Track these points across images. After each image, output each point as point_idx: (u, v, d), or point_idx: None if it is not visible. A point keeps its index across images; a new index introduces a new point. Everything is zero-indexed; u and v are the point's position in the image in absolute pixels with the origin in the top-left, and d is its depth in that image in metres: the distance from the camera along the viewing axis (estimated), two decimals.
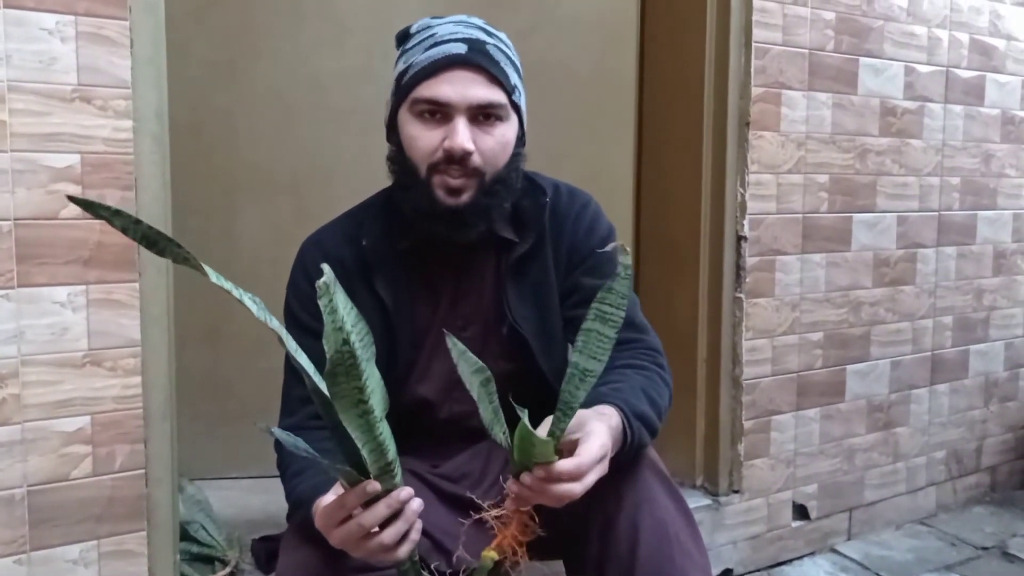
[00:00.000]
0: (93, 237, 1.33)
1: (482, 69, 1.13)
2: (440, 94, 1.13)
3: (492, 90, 1.14)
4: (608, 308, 0.94)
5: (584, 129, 2.20)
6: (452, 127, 1.13)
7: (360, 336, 0.88)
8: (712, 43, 2.00)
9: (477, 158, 1.14)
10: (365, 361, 0.86)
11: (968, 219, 2.47)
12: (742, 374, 2.05)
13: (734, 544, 2.10)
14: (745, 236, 2.02)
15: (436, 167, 1.14)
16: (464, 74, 1.13)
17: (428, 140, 1.14)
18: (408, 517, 0.93)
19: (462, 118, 1.13)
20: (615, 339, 0.95)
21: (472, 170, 1.14)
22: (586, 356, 0.95)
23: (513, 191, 1.21)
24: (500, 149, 1.16)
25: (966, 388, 2.55)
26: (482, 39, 1.16)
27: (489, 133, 1.15)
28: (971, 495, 2.62)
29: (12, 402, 1.29)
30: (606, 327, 0.94)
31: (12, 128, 1.26)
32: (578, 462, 0.93)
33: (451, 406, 1.28)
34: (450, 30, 1.16)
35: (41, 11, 1.26)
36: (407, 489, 0.93)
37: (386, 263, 1.23)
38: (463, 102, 1.13)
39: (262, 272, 1.95)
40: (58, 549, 1.34)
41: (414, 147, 1.16)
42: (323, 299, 0.85)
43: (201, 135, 1.97)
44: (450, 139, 1.12)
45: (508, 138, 1.18)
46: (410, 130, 1.16)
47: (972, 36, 2.40)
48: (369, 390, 0.85)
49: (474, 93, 1.13)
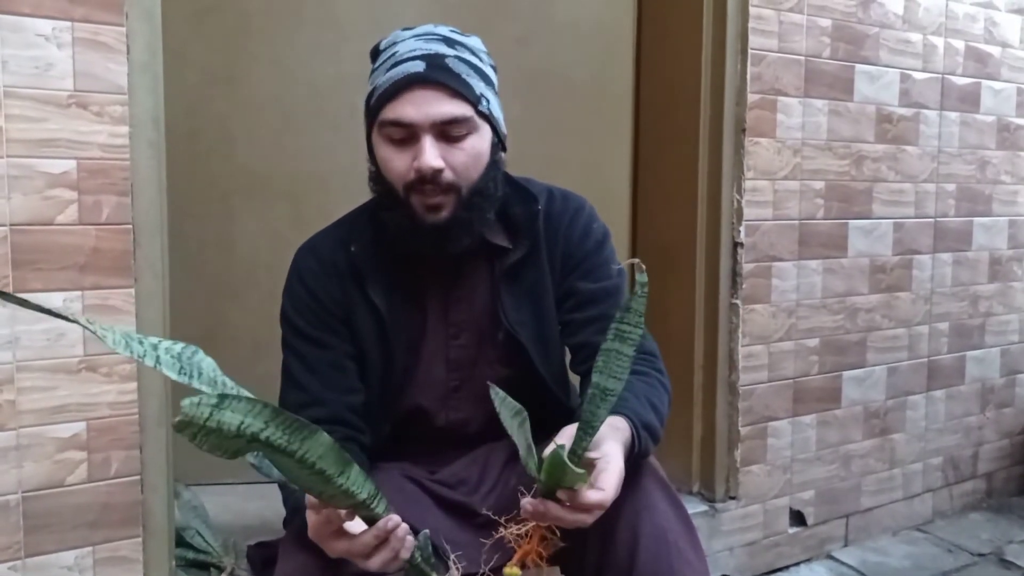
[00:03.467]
0: (89, 243, 1.33)
1: (442, 85, 1.12)
2: (403, 115, 1.12)
3: (455, 104, 1.13)
4: (627, 327, 0.95)
5: (581, 136, 2.20)
6: (419, 147, 1.12)
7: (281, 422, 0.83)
8: (708, 50, 2.01)
9: (449, 174, 1.13)
10: (298, 438, 0.80)
11: (964, 225, 2.48)
12: (738, 380, 2.05)
13: (731, 550, 2.09)
14: (741, 242, 2.02)
15: (412, 187, 1.14)
16: (424, 93, 1.12)
17: (399, 162, 1.14)
18: (394, 545, 0.95)
19: (428, 136, 1.12)
20: (632, 357, 0.96)
21: (447, 186, 1.14)
22: (606, 376, 0.96)
23: (493, 200, 1.20)
24: (472, 162, 1.15)
25: (962, 394, 2.55)
26: (442, 52, 1.14)
27: (459, 147, 1.14)
28: (967, 501, 2.62)
29: (7, 408, 1.29)
30: (624, 346, 0.95)
31: (8, 134, 1.26)
32: (602, 497, 0.95)
33: (447, 413, 1.28)
34: (411, 47, 1.14)
35: (37, 17, 1.26)
36: (394, 518, 0.94)
37: (377, 269, 1.23)
38: (426, 120, 1.12)
39: (259, 277, 1.95)
40: (53, 555, 1.34)
41: (388, 169, 1.16)
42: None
43: (198, 140, 1.97)
44: (418, 160, 1.12)
45: (479, 149, 1.16)
46: (382, 152, 1.16)
47: (967, 43, 2.41)
48: (315, 457, 0.81)
49: (436, 110, 1.12)
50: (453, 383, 1.27)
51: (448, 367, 1.27)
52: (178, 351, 0.81)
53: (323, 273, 1.23)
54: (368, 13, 2.04)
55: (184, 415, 0.71)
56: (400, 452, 1.30)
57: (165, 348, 0.80)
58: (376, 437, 1.25)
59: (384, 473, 1.24)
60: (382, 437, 1.26)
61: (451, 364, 1.27)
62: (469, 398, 1.27)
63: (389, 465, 1.28)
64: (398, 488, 1.22)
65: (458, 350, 1.27)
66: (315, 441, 0.80)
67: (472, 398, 1.27)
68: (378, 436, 1.25)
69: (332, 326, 1.23)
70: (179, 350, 0.81)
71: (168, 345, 0.81)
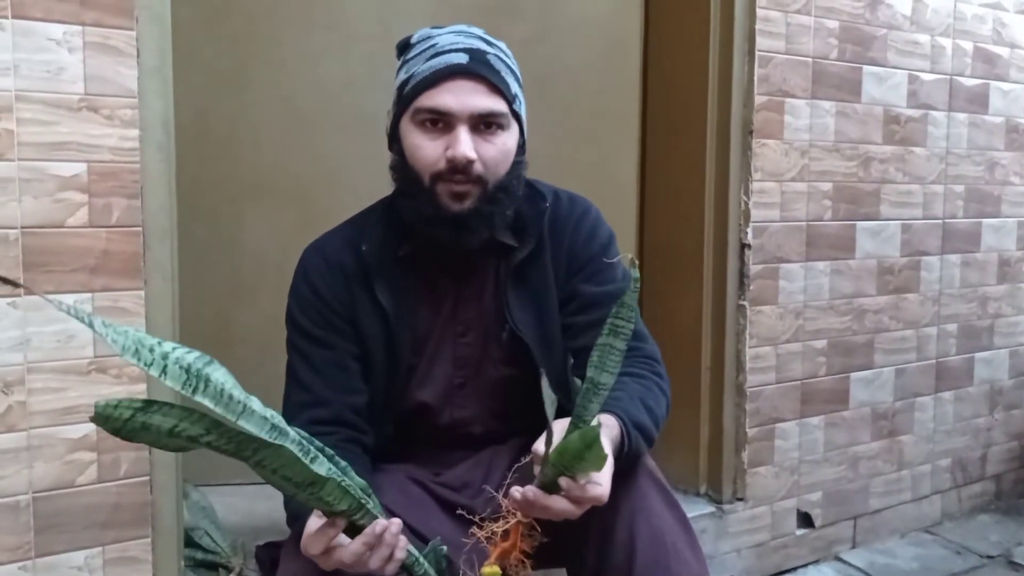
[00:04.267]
0: (99, 245, 1.33)
1: (483, 79, 1.14)
2: (442, 103, 1.14)
3: (493, 99, 1.15)
4: (621, 322, 0.96)
5: (588, 137, 2.20)
6: (454, 136, 1.14)
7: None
8: (716, 52, 2.01)
9: (479, 166, 1.15)
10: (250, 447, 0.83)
11: (972, 227, 2.47)
12: (746, 382, 2.05)
13: (738, 552, 2.09)
14: (749, 244, 2.02)
15: (440, 176, 1.15)
16: (466, 83, 1.14)
17: (431, 150, 1.15)
18: (388, 543, 0.95)
19: (464, 127, 1.14)
20: (625, 351, 0.97)
21: (475, 178, 1.15)
22: (600, 370, 0.97)
23: (515, 198, 1.22)
24: (502, 157, 1.17)
25: (971, 396, 2.54)
26: (483, 49, 1.17)
27: (491, 142, 1.16)
28: (976, 503, 2.61)
29: (18, 409, 1.30)
30: (618, 340, 0.96)
31: (20, 137, 1.27)
32: (602, 492, 0.96)
33: (451, 411, 1.28)
34: (451, 40, 1.17)
35: (49, 21, 1.27)
36: (381, 522, 0.94)
37: (386, 269, 1.23)
38: (465, 111, 1.14)
39: (268, 279, 1.95)
40: (63, 556, 1.34)
41: (417, 157, 1.17)
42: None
43: (208, 142, 1.98)
44: (452, 148, 1.13)
45: (509, 146, 1.19)
46: (413, 139, 1.17)
47: (976, 44, 2.40)
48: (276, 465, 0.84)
49: (476, 102, 1.14)
50: (458, 380, 1.28)
51: (455, 364, 1.27)
52: (189, 361, 0.81)
53: (329, 273, 1.24)
54: (376, 15, 2.04)
55: (98, 415, 0.74)
56: (404, 453, 1.31)
57: (176, 358, 0.80)
58: (380, 437, 1.25)
59: (388, 474, 1.25)
60: (386, 437, 1.27)
61: (458, 361, 1.27)
62: (473, 396, 1.28)
63: (393, 466, 1.28)
64: (402, 490, 1.23)
65: (465, 348, 1.27)
66: (273, 452, 0.82)
67: (476, 396, 1.28)
68: (382, 436, 1.26)
69: (337, 326, 1.23)
70: (191, 360, 0.81)
71: (180, 355, 0.80)
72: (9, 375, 1.29)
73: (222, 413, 0.81)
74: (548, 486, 0.95)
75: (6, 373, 1.28)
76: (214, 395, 0.81)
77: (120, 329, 0.78)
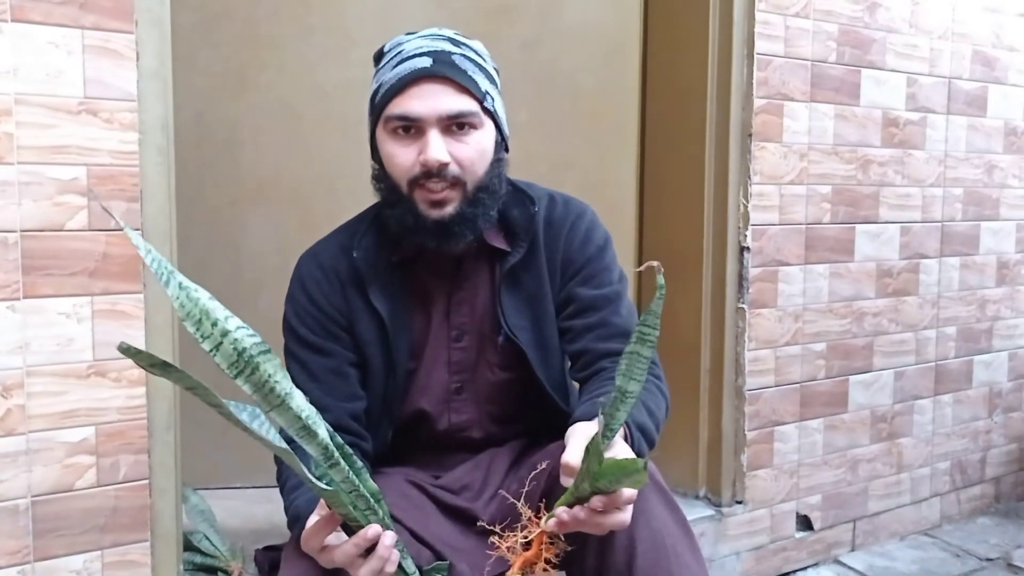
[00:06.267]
0: (99, 248, 1.33)
1: (448, 80, 1.14)
2: (410, 109, 1.14)
3: (461, 99, 1.15)
4: (648, 330, 0.96)
5: (587, 140, 2.21)
6: (425, 141, 1.14)
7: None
8: (715, 55, 2.01)
9: (455, 168, 1.15)
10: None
11: (971, 229, 2.47)
12: (745, 384, 2.05)
13: (737, 555, 2.09)
14: (748, 247, 2.02)
15: (416, 182, 1.16)
16: (431, 87, 1.14)
17: (404, 157, 1.16)
18: (381, 555, 0.94)
19: (434, 130, 1.14)
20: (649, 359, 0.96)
21: (452, 181, 1.15)
22: (627, 378, 0.96)
23: (497, 198, 1.22)
24: (477, 156, 1.17)
25: (970, 399, 2.54)
26: (447, 50, 1.16)
27: (464, 142, 1.16)
28: (975, 506, 2.61)
29: (17, 412, 1.30)
30: (645, 348, 0.96)
31: (19, 140, 1.27)
32: (633, 492, 0.94)
33: (450, 416, 1.28)
34: (417, 45, 1.17)
35: (48, 25, 1.27)
36: (374, 527, 0.94)
37: (379, 275, 1.23)
38: (433, 115, 1.14)
39: (267, 282, 1.95)
40: (62, 559, 1.34)
41: (392, 165, 1.17)
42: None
43: (207, 145, 1.98)
44: (424, 153, 1.14)
45: (484, 145, 1.18)
46: (387, 148, 1.18)
47: (974, 48, 2.40)
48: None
49: (443, 104, 1.14)
50: (455, 385, 1.28)
51: (450, 369, 1.27)
52: (246, 346, 0.79)
53: (325, 280, 1.24)
54: (376, 18, 2.05)
55: (123, 351, 0.75)
56: (403, 458, 1.30)
57: (234, 339, 0.79)
58: (379, 443, 1.25)
59: (387, 478, 1.24)
60: (385, 443, 1.27)
61: (453, 367, 1.27)
62: (471, 400, 1.28)
63: (392, 470, 1.28)
64: (401, 493, 1.23)
65: (460, 352, 1.27)
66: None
67: (474, 400, 1.28)
68: (380, 442, 1.26)
69: (334, 333, 1.23)
70: (248, 345, 0.79)
71: (241, 336, 0.79)
72: (8, 379, 1.28)
73: (257, 400, 0.81)
74: (582, 500, 0.94)
75: (5, 377, 1.28)
76: (256, 383, 0.81)
77: (193, 295, 0.77)
